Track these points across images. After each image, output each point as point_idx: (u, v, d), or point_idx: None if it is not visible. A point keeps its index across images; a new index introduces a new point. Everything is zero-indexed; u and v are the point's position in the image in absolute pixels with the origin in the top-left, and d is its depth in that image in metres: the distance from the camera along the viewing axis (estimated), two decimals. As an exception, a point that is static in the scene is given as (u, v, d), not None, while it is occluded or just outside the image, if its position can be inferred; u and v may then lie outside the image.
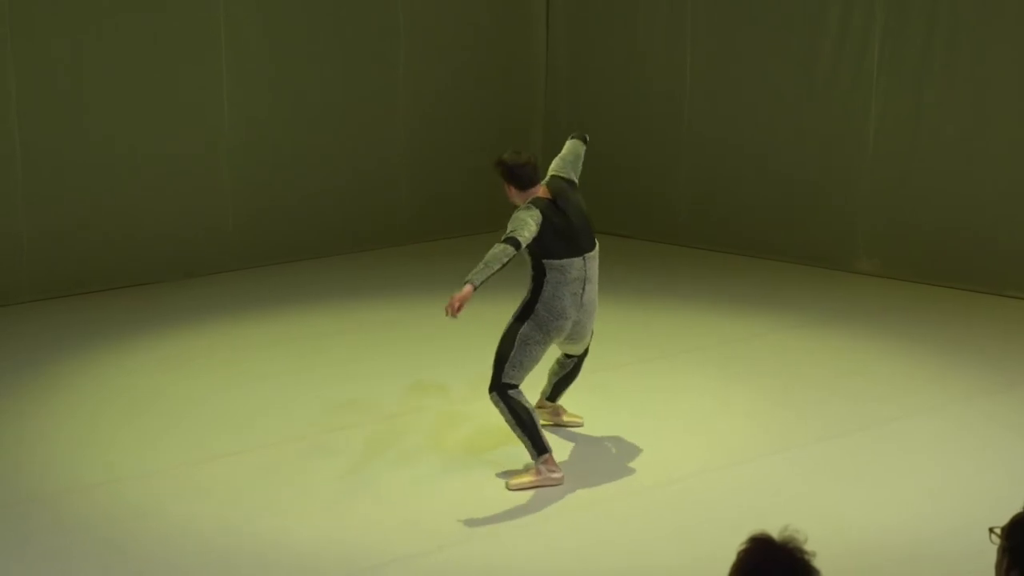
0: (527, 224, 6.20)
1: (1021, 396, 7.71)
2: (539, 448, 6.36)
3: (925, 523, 6.04)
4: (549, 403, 7.08)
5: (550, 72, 12.15)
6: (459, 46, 11.66)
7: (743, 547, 3.07)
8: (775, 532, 3.09)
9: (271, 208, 10.74)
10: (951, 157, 10.01)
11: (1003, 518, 3.25)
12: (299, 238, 10.91)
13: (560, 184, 6.52)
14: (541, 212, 6.28)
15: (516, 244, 6.11)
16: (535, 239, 6.22)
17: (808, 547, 3.05)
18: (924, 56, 9.99)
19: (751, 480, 6.54)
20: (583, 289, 6.41)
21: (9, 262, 9.48)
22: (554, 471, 6.36)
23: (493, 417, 6.66)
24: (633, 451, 6.88)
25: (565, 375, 6.97)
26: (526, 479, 6.38)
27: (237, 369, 8.19)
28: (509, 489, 6.33)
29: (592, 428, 7.15)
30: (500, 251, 6.06)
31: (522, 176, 6.40)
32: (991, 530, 3.24)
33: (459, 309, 6.00)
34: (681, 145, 11.46)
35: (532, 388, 6.76)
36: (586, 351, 6.88)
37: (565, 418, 7.13)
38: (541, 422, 6.53)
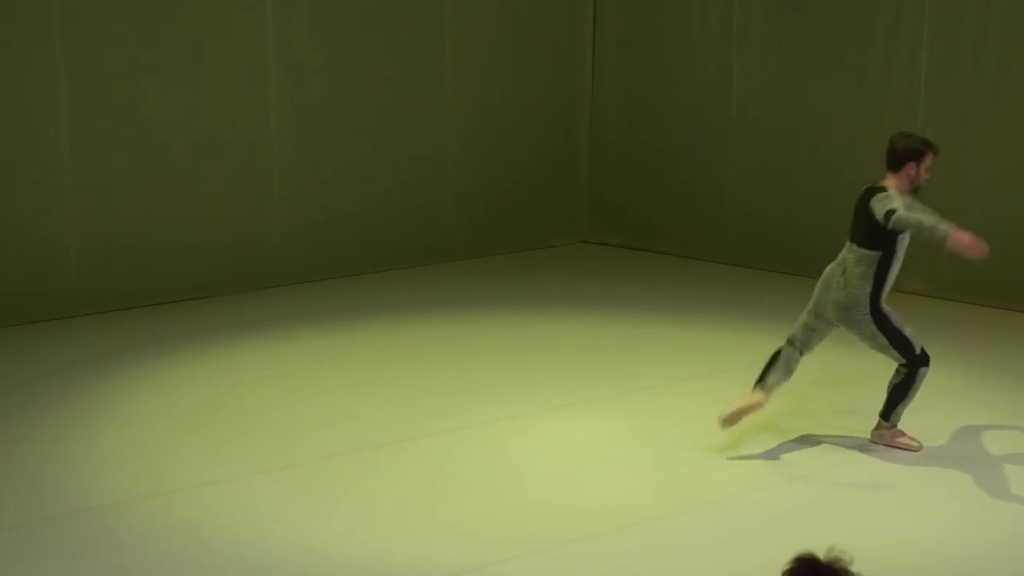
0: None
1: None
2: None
3: (980, 545, 6.01)
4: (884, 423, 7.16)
5: (596, 84, 12.14)
6: (506, 59, 11.72)
7: (788, 567, 3.08)
8: (820, 551, 3.09)
9: (322, 221, 10.84)
10: (1001, 173, 9.97)
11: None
12: (351, 252, 11.00)
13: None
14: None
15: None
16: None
17: (854, 568, 3.05)
18: (975, 68, 9.97)
19: (801, 499, 6.53)
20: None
21: (62, 275, 9.60)
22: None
23: (547, 434, 6.61)
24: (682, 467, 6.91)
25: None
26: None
27: (294, 383, 8.27)
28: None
29: (651, 438, 7.18)
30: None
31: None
32: None
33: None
34: (730, 161, 11.46)
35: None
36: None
37: (903, 440, 7.13)
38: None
